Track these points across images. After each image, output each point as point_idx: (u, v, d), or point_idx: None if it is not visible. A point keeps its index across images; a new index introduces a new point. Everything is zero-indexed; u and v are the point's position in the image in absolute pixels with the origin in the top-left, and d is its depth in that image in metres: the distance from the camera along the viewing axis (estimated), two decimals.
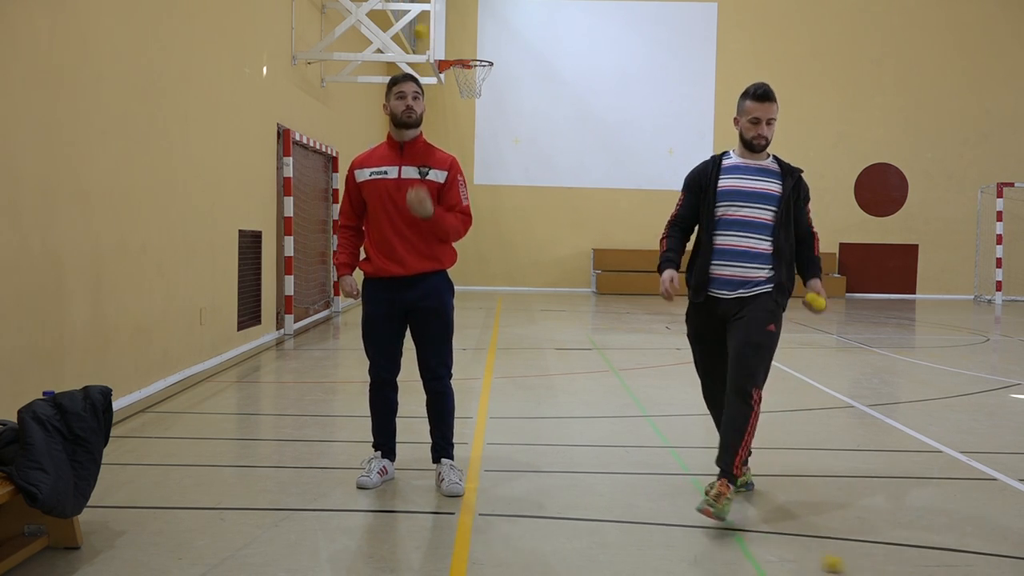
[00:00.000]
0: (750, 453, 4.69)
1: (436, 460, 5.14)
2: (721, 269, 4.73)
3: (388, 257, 4.93)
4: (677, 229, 4.95)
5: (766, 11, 21.14)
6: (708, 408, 5.13)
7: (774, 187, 4.73)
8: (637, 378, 8.91)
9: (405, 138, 4.99)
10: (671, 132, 21.07)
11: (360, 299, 5.15)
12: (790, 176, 4.77)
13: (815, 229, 4.90)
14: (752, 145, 4.72)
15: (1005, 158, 21.06)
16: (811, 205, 4.90)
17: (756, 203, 4.70)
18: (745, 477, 4.98)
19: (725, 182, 4.75)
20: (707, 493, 4.42)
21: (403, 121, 4.93)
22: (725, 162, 4.83)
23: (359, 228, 5.12)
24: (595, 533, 4.34)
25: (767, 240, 4.70)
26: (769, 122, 4.70)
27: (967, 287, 21.32)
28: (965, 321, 15.80)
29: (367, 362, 5.31)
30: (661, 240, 4.99)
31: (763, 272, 4.69)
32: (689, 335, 5.00)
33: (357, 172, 5.00)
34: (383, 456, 5.20)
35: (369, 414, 5.31)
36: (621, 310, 16.88)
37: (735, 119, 4.80)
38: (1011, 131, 21.19)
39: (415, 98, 4.94)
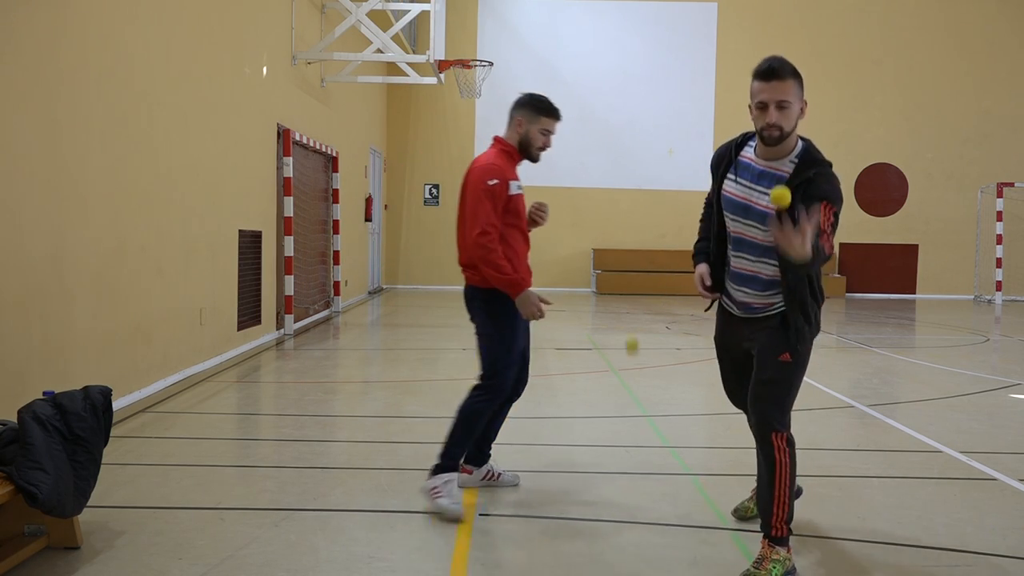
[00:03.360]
0: (791, 511, 3.87)
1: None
2: (733, 291, 4.11)
3: (527, 270, 4.98)
4: (707, 212, 4.29)
5: (766, 11, 21.14)
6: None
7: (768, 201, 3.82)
8: (637, 378, 8.90)
9: (520, 158, 4.92)
10: (671, 132, 21.07)
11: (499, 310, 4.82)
12: (799, 179, 3.78)
13: (827, 231, 3.68)
14: (764, 137, 3.85)
15: (1005, 158, 21.06)
16: (834, 210, 3.76)
17: (754, 220, 3.91)
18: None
19: (729, 186, 4.01)
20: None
21: (535, 157, 4.88)
22: (742, 154, 4.02)
23: None
24: (595, 533, 4.34)
25: (770, 264, 3.91)
26: (781, 105, 3.78)
27: (967, 287, 21.31)
28: (965, 321, 15.80)
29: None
30: (701, 220, 4.38)
31: (771, 299, 3.97)
32: (715, 337, 4.41)
33: (512, 184, 4.80)
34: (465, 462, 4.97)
35: (463, 425, 4.73)
36: (621, 310, 16.88)
37: (749, 106, 3.94)
38: (1011, 131, 21.18)
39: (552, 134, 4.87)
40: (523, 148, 4.85)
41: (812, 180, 3.77)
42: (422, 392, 8.00)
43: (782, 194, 3.64)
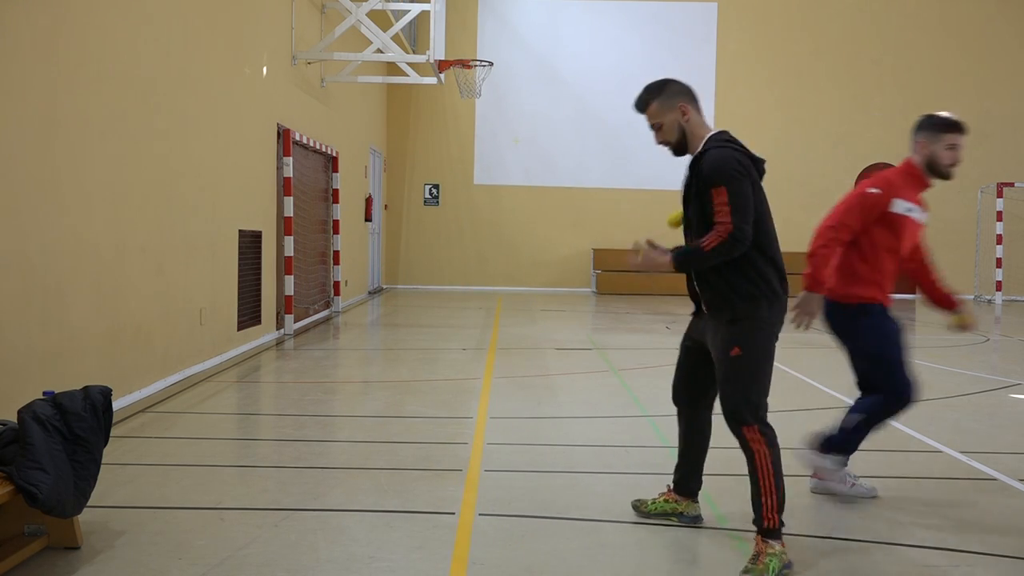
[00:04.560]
0: (782, 499, 3.95)
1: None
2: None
3: (888, 291, 4.89)
4: None
5: (766, 11, 21.13)
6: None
7: (683, 187, 4.23)
8: (637, 378, 8.90)
9: (928, 182, 4.87)
10: None
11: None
12: (695, 168, 4.12)
13: (722, 220, 3.90)
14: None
15: (1005, 158, 21.05)
16: (725, 193, 3.93)
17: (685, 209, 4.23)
18: (689, 509, 4.45)
19: None
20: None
21: (947, 174, 4.83)
22: None
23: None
24: (595, 533, 4.34)
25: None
26: (655, 127, 4.34)
27: (967, 287, 21.30)
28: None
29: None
30: None
31: (695, 287, 4.18)
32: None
33: (899, 202, 4.72)
34: None
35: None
36: (621, 310, 16.88)
37: None
38: (1011, 131, 21.18)
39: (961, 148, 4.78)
40: (931, 168, 4.82)
41: (698, 164, 4.10)
42: (422, 392, 8.00)
43: (674, 217, 4.27)
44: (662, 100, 4.32)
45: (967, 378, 9.12)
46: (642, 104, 4.38)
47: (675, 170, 18.12)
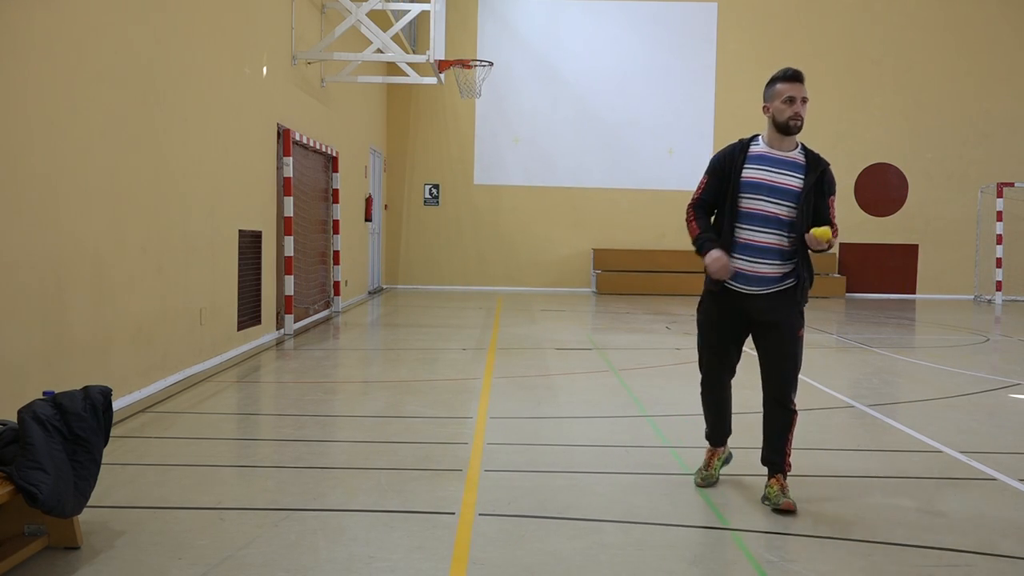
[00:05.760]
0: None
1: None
2: (742, 264, 4.71)
3: None
4: (702, 211, 4.85)
5: (766, 11, 21.14)
6: (706, 395, 5.15)
7: (795, 182, 4.66)
8: (637, 378, 8.90)
9: None
10: (671, 132, 21.06)
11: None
12: (814, 170, 4.67)
13: (836, 223, 4.75)
14: (788, 127, 4.65)
15: (1005, 158, 21.05)
16: (836, 201, 4.80)
17: (778, 199, 4.64)
18: (724, 453, 5.16)
19: (749, 172, 4.69)
20: (772, 497, 4.70)
21: None
22: (752, 149, 4.76)
23: None
24: (595, 533, 4.34)
25: (787, 237, 4.67)
26: (804, 101, 4.66)
27: (967, 287, 21.32)
28: (965, 321, 15.80)
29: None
30: (689, 221, 4.86)
31: (783, 268, 4.70)
32: (702, 322, 4.99)
33: None
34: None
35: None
36: (621, 310, 16.87)
37: (764, 107, 4.74)
38: (1011, 131, 21.18)
39: None
40: None
41: (825, 173, 4.71)
42: (422, 392, 8.00)
43: (824, 232, 4.54)
44: None
45: (967, 378, 9.12)
46: (803, 77, 4.75)
47: (674, 170, 18.36)
